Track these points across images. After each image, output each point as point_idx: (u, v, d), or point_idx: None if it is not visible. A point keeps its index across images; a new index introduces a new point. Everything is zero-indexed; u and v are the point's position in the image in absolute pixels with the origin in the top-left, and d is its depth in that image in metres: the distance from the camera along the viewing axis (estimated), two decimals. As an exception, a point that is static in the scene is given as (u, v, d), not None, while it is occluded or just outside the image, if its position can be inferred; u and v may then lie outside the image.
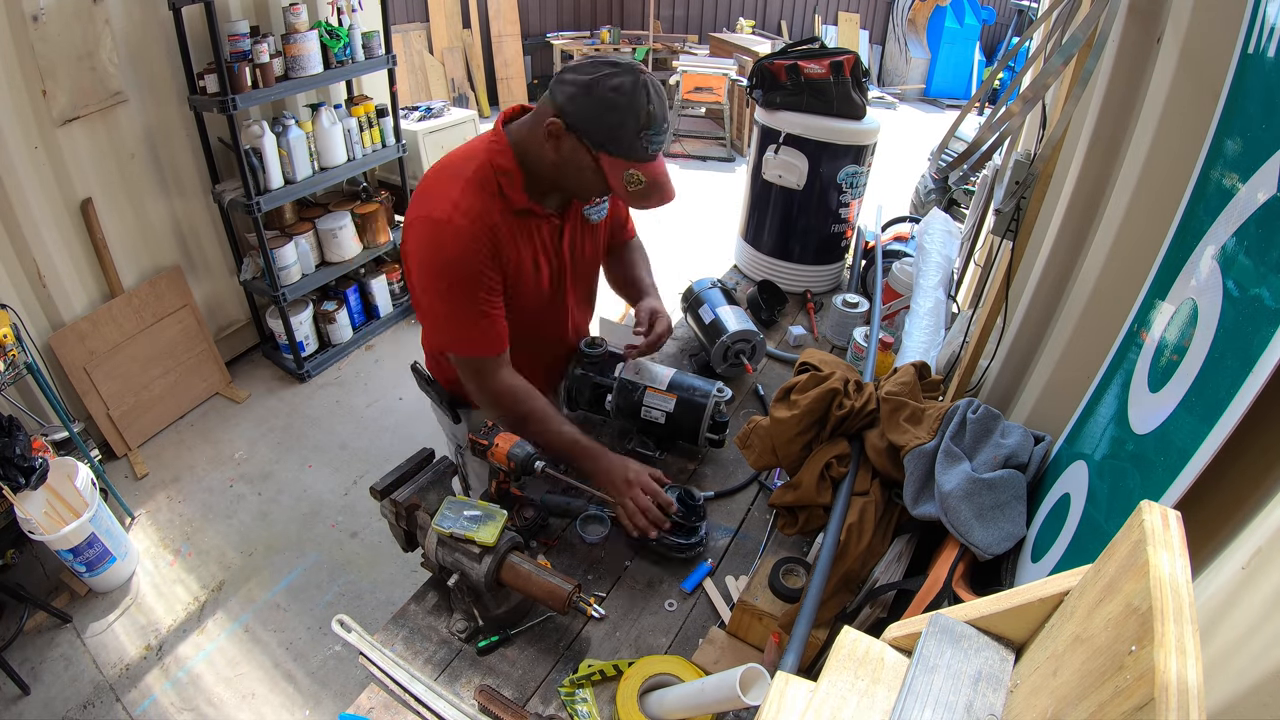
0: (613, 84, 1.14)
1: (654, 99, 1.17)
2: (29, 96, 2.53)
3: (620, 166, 1.20)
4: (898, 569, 1.14)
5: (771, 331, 2.18)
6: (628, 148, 1.18)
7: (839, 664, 0.56)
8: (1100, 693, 0.40)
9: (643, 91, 1.15)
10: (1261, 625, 0.53)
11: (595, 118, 1.16)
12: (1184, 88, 0.93)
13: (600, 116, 1.16)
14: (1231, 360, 0.65)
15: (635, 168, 1.20)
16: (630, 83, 1.14)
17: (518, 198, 1.27)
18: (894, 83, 9.17)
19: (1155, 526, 0.44)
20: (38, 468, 2.19)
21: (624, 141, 1.17)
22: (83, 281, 2.88)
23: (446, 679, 1.18)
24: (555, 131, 1.19)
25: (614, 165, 1.20)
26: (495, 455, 1.35)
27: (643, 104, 1.15)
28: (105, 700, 2.17)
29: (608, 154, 1.19)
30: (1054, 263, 1.30)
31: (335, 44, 3.23)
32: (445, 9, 7.03)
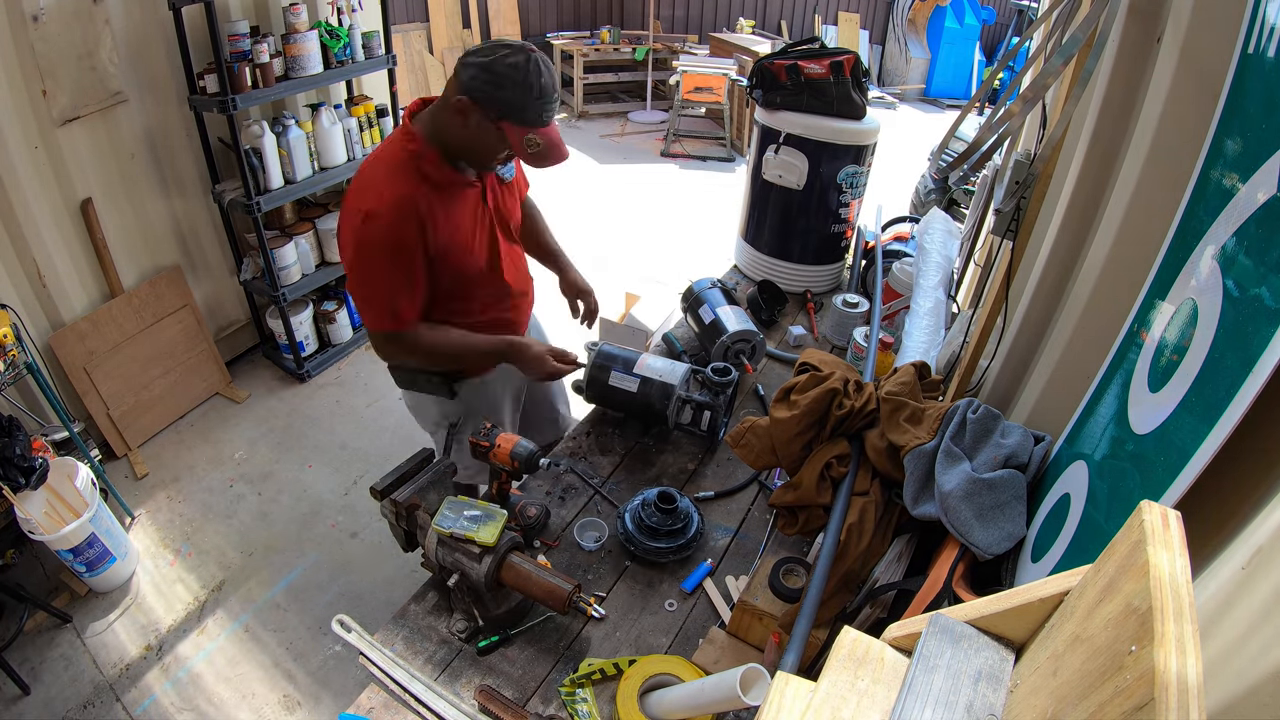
0: (508, 62, 1.31)
1: (545, 73, 1.34)
2: (29, 96, 2.53)
3: (519, 132, 1.37)
4: (898, 569, 1.14)
5: (771, 331, 2.18)
6: (524, 116, 1.35)
7: (839, 664, 0.56)
8: (1100, 693, 0.40)
9: (535, 68, 1.32)
10: (1261, 625, 0.53)
11: (493, 91, 1.33)
12: (1184, 88, 0.93)
13: (499, 90, 1.33)
14: (1231, 360, 0.65)
15: (533, 132, 1.37)
16: (523, 60, 1.32)
17: (437, 173, 1.42)
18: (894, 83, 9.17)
19: (1155, 526, 0.44)
20: (38, 468, 2.19)
21: (521, 110, 1.34)
22: (83, 281, 2.88)
23: (446, 679, 1.18)
24: (463, 107, 1.35)
25: (514, 131, 1.37)
26: (497, 456, 1.38)
27: (535, 77, 1.32)
28: (105, 700, 2.17)
29: (509, 122, 1.36)
30: (1054, 263, 1.30)
31: (335, 44, 3.23)
32: (445, 9, 7.03)
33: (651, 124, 7.42)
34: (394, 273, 1.41)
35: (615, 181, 6.08)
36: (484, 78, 1.32)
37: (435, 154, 1.42)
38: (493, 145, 1.40)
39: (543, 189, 1.57)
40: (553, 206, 1.74)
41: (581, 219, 5.26)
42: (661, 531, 1.38)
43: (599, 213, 5.44)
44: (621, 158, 6.55)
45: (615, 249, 4.89)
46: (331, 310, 3.68)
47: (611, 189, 5.94)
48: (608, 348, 1.74)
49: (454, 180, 1.45)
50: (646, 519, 1.40)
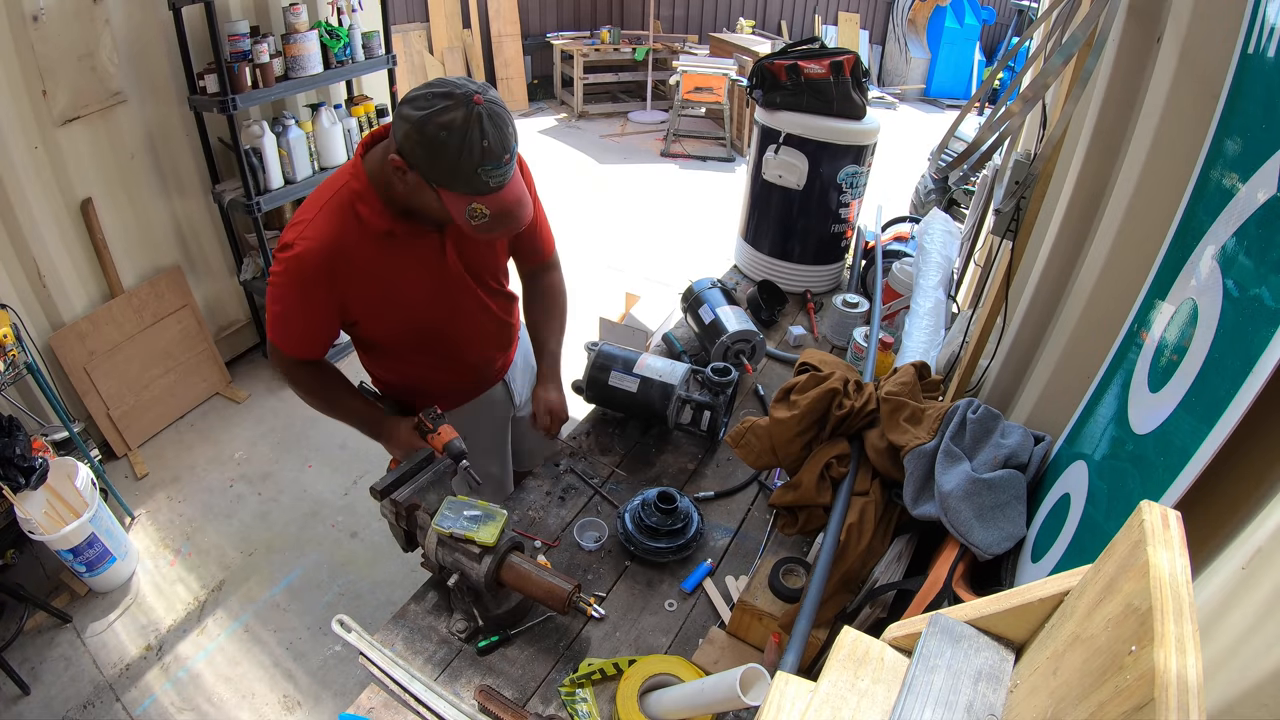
0: (442, 121, 1.11)
1: (488, 132, 1.12)
2: (29, 96, 2.53)
3: (462, 201, 1.18)
4: (898, 569, 1.14)
5: (771, 331, 2.18)
6: (465, 184, 1.16)
7: (839, 664, 0.56)
8: (1100, 693, 0.40)
9: (474, 127, 1.11)
10: (1261, 625, 0.53)
11: (428, 157, 1.14)
12: (1184, 88, 0.93)
13: (433, 156, 1.14)
14: (1231, 360, 0.65)
15: (477, 201, 1.18)
16: (461, 118, 1.10)
17: (377, 221, 1.27)
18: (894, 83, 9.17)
19: (1155, 526, 0.44)
20: (38, 468, 2.19)
21: (460, 178, 1.15)
22: (83, 281, 2.88)
23: (446, 679, 1.18)
24: (398, 166, 1.18)
25: (454, 200, 1.19)
26: (433, 442, 1.42)
27: (475, 140, 1.11)
28: (105, 700, 2.17)
29: (446, 189, 1.18)
30: (1054, 263, 1.30)
31: (335, 44, 3.23)
32: (445, 9, 7.03)
33: (651, 124, 7.43)
34: (300, 306, 1.32)
35: (615, 181, 6.08)
36: (415, 139, 1.13)
37: (377, 200, 1.27)
38: (435, 210, 1.22)
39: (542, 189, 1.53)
40: (553, 206, 1.73)
41: (581, 219, 5.26)
42: (661, 531, 1.38)
43: (599, 213, 5.44)
44: (621, 158, 6.55)
45: (615, 249, 4.88)
46: (331, 310, 3.68)
47: (611, 189, 5.94)
48: (608, 348, 1.74)
49: (395, 230, 1.29)
50: (646, 519, 1.40)
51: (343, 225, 1.25)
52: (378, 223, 1.27)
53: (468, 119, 1.11)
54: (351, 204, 1.26)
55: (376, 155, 1.28)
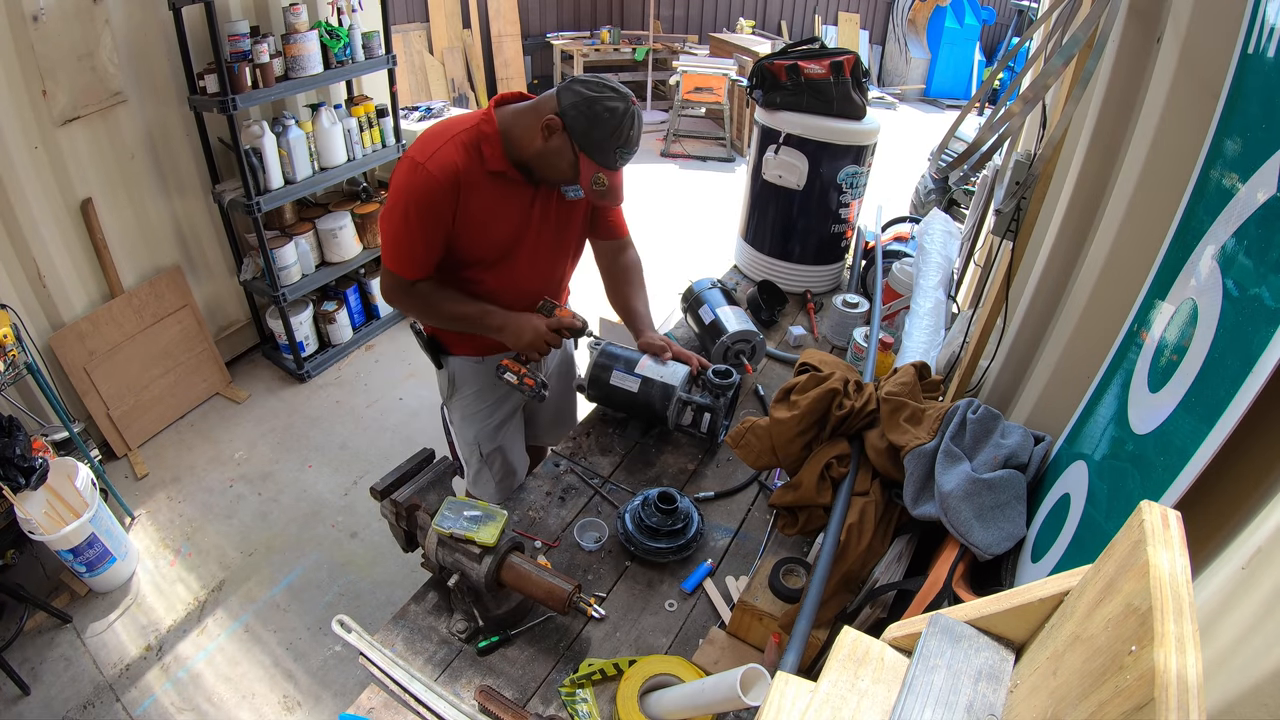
0: (609, 105, 1.40)
1: (636, 127, 1.45)
2: (29, 96, 2.53)
3: (592, 168, 1.45)
4: (898, 569, 1.14)
5: (771, 331, 2.18)
6: (604, 156, 1.44)
7: (839, 664, 0.56)
8: (1100, 693, 0.40)
9: (629, 119, 1.42)
10: (1261, 625, 0.53)
11: (587, 125, 1.41)
12: (1184, 88, 0.93)
13: (591, 125, 1.41)
14: (1231, 360, 0.65)
15: (603, 172, 1.46)
16: (622, 109, 1.41)
17: (495, 161, 1.48)
18: (894, 83, 9.17)
19: (1155, 526, 0.44)
20: (38, 468, 2.19)
21: (603, 151, 1.43)
22: (83, 281, 2.88)
23: (447, 679, 1.18)
24: (553, 126, 1.42)
25: (588, 166, 1.45)
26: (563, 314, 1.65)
27: (626, 128, 1.42)
28: (105, 700, 2.17)
29: (587, 156, 1.44)
30: (1054, 263, 1.30)
31: (335, 44, 3.23)
32: (445, 9, 7.03)
33: (651, 124, 7.42)
34: (418, 226, 1.48)
35: (615, 181, 6.07)
36: (583, 109, 1.39)
37: (501, 145, 1.48)
38: (562, 168, 1.47)
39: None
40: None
41: (581, 219, 5.25)
42: (661, 531, 1.38)
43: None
44: (621, 158, 6.55)
45: (615, 249, 4.87)
46: (331, 310, 3.68)
47: (611, 189, 5.93)
48: (610, 347, 1.74)
49: (507, 173, 1.51)
50: (646, 519, 1.40)
51: (468, 156, 1.47)
52: (495, 163, 1.49)
53: (626, 111, 1.42)
54: (478, 142, 1.48)
55: (509, 112, 1.51)
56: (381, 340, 3.98)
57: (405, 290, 1.59)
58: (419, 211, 1.47)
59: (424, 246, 1.53)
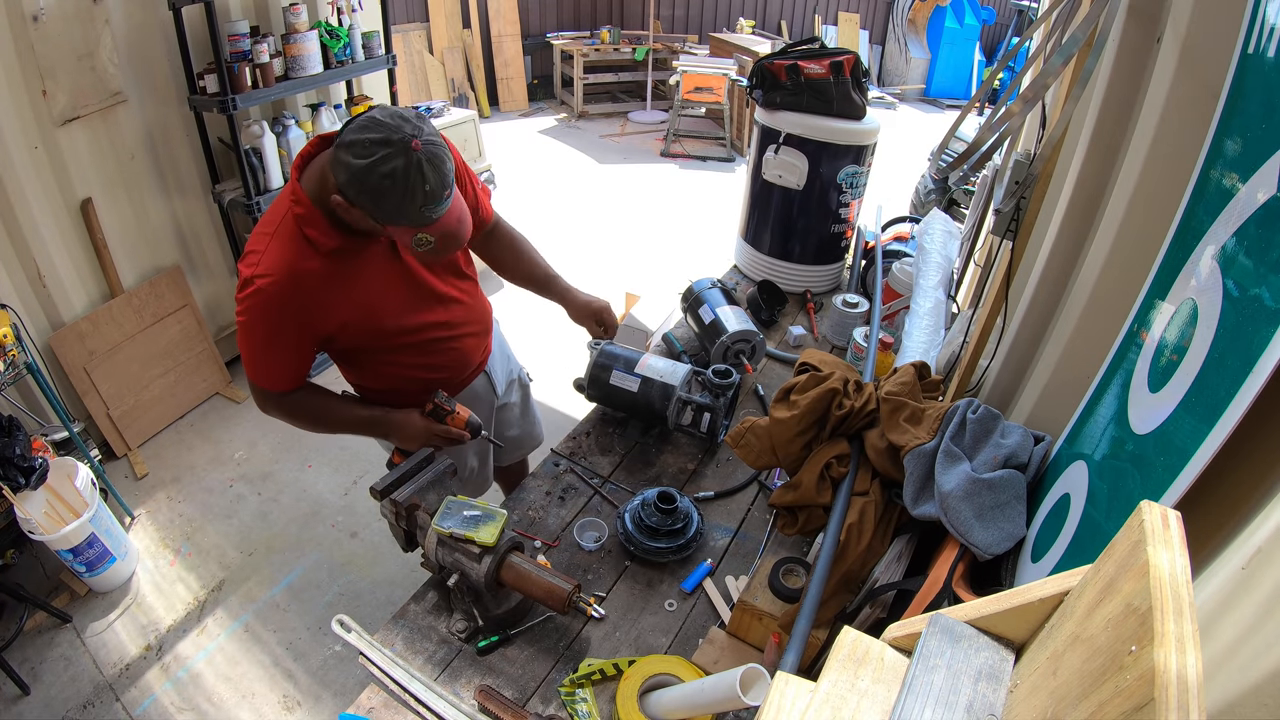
0: (384, 171, 1.14)
1: (429, 177, 1.17)
2: (29, 96, 2.53)
3: (407, 233, 1.24)
4: (898, 569, 1.14)
5: (771, 331, 2.18)
6: (410, 220, 1.21)
7: (839, 664, 0.56)
8: (1100, 693, 0.40)
9: (415, 173, 1.16)
10: (1261, 625, 0.53)
11: (374, 202, 1.19)
12: (1184, 88, 0.93)
13: (378, 201, 1.18)
14: (1231, 360, 0.65)
15: (422, 231, 1.23)
16: (402, 166, 1.14)
17: (326, 241, 1.30)
18: (894, 83, 9.17)
19: (1155, 526, 0.44)
20: (38, 468, 2.19)
21: (406, 216, 1.20)
22: (83, 281, 2.88)
23: (446, 679, 1.18)
24: (341, 205, 1.23)
25: (400, 233, 1.25)
26: (454, 423, 1.50)
27: (418, 185, 1.16)
28: (105, 700, 2.17)
29: (393, 225, 1.24)
30: (1054, 263, 1.30)
31: (335, 44, 3.23)
32: (445, 9, 7.03)
33: (651, 124, 7.43)
34: (272, 341, 1.34)
35: (615, 181, 6.07)
36: (358, 186, 1.17)
37: (323, 220, 1.29)
38: (380, 231, 1.30)
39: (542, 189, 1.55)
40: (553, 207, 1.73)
41: (581, 219, 5.26)
42: (661, 531, 1.38)
43: (599, 213, 5.44)
44: (621, 158, 6.55)
45: (615, 249, 4.88)
46: (331, 310, 3.68)
47: (611, 189, 5.94)
48: (610, 347, 1.74)
49: (345, 245, 1.32)
50: (646, 519, 1.40)
51: (296, 250, 1.28)
52: (327, 242, 1.29)
53: (408, 166, 1.15)
54: (299, 229, 1.28)
55: (313, 176, 1.30)
56: (381, 340, 3.97)
57: (277, 403, 1.44)
58: (265, 332, 1.31)
59: (290, 358, 1.38)
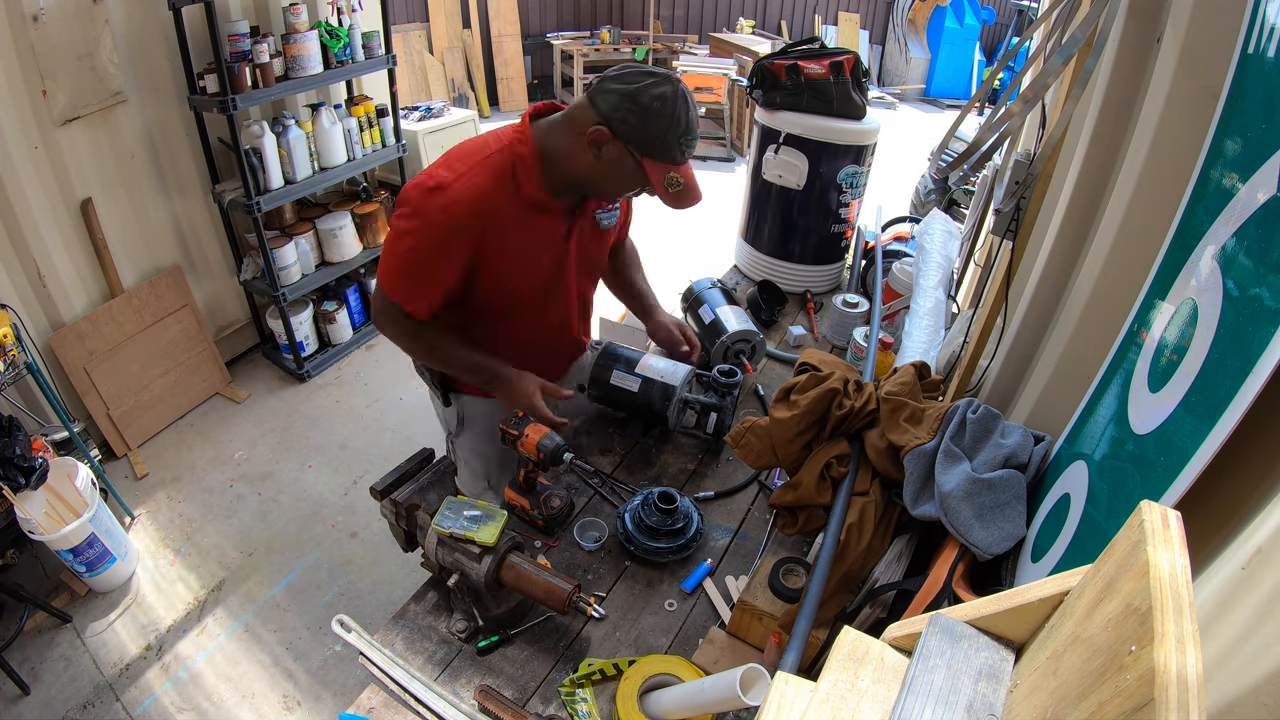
0: (656, 93, 1.19)
1: (691, 107, 1.23)
2: (29, 96, 2.53)
3: (662, 170, 1.26)
4: (898, 569, 1.14)
5: (771, 331, 2.18)
6: (669, 153, 1.24)
7: (839, 664, 0.56)
8: (1100, 693, 0.40)
9: (682, 100, 1.21)
10: (1261, 625, 0.53)
11: (641, 125, 1.21)
12: (1184, 88, 0.93)
13: (646, 124, 1.21)
14: (1232, 360, 0.65)
15: (674, 170, 1.27)
16: (671, 92, 1.20)
17: (532, 189, 1.30)
18: (894, 83, 9.17)
19: (1155, 526, 0.44)
20: (38, 468, 2.19)
21: (666, 147, 1.23)
22: (83, 281, 2.88)
23: (447, 679, 1.18)
24: (599, 138, 1.23)
25: (656, 169, 1.26)
26: (524, 445, 1.38)
27: (683, 112, 1.21)
28: (105, 700, 2.17)
29: (651, 159, 1.25)
30: (1054, 263, 1.30)
31: (335, 44, 3.23)
32: (445, 9, 7.03)
33: (651, 124, 7.42)
34: (428, 259, 1.29)
35: (615, 181, 6.07)
36: (629, 108, 1.20)
37: (538, 169, 1.29)
38: (628, 180, 1.29)
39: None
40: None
41: (581, 219, 5.25)
42: (661, 531, 1.38)
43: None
44: (621, 158, 6.55)
45: (615, 249, 4.87)
46: (331, 310, 3.68)
47: (611, 189, 5.94)
48: (611, 347, 1.74)
49: (542, 204, 1.33)
50: (646, 519, 1.40)
51: (499, 183, 1.28)
52: (532, 191, 1.30)
53: (676, 93, 1.20)
54: (513, 166, 1.29)
55: (544, 126, 1.31)
56: (382, 340, 3.98)
57: (398, 321, 1.39)
58: (432, 243, 1.27)
59: (431, 282, 1.33)
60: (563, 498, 1.46)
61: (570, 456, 1.36)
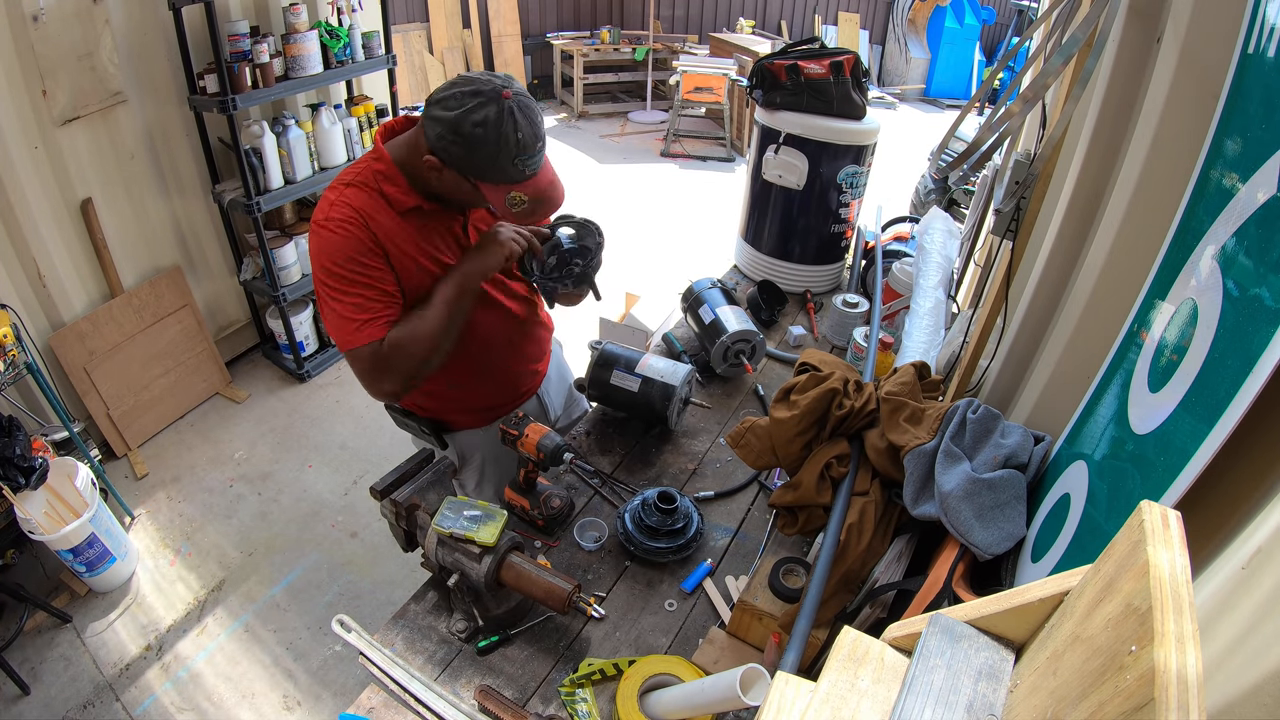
0: (476, 119, 1.15)
1: (521, 125, 1.17)
2: (29, 96, 2.53)
3: (500, 191, 1.23)
4: (898, 569, 1.14)
5: (771, 331, 2.18)
6: (503, 175, 1.21)
7: (839, 664, 0.56)
8: (1100, 692, 0.40)
9: (509, 120, 1.16)
10: (1261, 624, 0.53)
11: (466, 155, 1.19)
12: (1184, 88, 0.93)
13: (470, 153, 1.18)
14: (1231, 360, 0.65)
15: (515, 189, 1.22)
16: (494, 114, 1.15)
17: (402, 197, 1.29)
18: (894, 83, 9.17)
19: (1155, 526, 0.44)
20: (38, 468, 2.19)
21: (498, 170, 1.20)
22: (83, 281, 2.88)
23: (446, 678, 1.18)
24: (434, 166, 1.23)
25: (494, 191, 1.23)
26: (525, 445, 1.39)
27: (510, 133, 1.16)
28: (105, 700, 2.17)
29: (485, 182, 1.22)
30: (1054, 263, 1.30)
31: (335, 44, 3.23)
32: (445, 9, 7.03)
33: (651, 124, 7.43)
34: (357, 282, 1.26)
35: (615, 181, 6.07)
36: (451, 139, 1.17)
37: (403, 180, 1.29)
38: (473, 199, 1.29)
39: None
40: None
41: (581, 219, 5.25)
42: (661, 531, 1.38)
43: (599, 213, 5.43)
44: (621, 158, 6.55)
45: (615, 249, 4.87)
46: (331, 310, 3.68)
47: (611, 189, 5.94)
48: (611, 347, 1.74)
49: (423, 206, 1.31)
50: (646, 519, 1.40)
51: (371, 200, 1.28)
52: (404, 200, 1.29)
53: (500, 114, 1.15)
54: (378, 184, 1.29)
55: (398, 144, 1.31)
56: (381, 340, 3.98)
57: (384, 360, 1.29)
58: (346, 268, 1.25)
59: (373, 294, 1.28)
60: (563, 498, 1.46)
61: (570, 456, 1.38)
